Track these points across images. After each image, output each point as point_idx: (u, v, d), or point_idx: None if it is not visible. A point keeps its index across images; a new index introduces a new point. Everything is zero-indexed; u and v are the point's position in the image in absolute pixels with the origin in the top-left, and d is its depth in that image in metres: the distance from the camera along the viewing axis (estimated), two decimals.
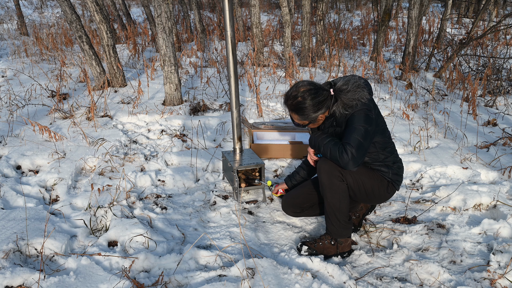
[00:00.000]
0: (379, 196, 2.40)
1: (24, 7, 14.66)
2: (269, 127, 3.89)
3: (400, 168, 2.44)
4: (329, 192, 2.26)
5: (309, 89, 2.19)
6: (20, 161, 3.39)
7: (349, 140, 2.11)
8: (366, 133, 2.13)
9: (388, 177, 2.36)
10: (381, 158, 2.34)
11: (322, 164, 2.28)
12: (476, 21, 6.20)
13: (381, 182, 2.35)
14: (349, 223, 2.34)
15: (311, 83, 2.23)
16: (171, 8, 4.55)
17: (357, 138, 2.11)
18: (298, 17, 12.19)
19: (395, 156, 2.41)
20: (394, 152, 2.42)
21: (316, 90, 2.20)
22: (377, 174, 2.36)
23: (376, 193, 2.36)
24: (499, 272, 2.13)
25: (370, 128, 2.15)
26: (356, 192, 2.31)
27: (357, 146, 2.10)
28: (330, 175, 2.24)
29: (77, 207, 2.81)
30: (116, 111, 4.64)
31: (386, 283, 2.13)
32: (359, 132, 2.12)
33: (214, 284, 2.03)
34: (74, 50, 8.19)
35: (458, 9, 13.02)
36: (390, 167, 2.37)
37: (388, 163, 2.36)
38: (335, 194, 2.25)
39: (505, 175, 3.15)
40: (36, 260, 2.24)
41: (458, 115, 4.49)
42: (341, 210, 2.27)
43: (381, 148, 2.31)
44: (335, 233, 2.33)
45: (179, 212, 2.80)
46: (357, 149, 2.09)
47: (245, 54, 7.79)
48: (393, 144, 2.42)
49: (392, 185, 2.40)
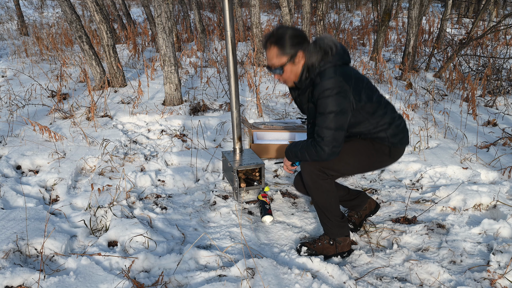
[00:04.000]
0: (380, 163, 2.33)
1: (24, 7, 14.66)
2: (269, 127, 3.89)
3: (399, 126, 2.27)
4: (314, 192, 2.25)
5: (290, 26, 2.18)
6: (20, 161, 3.39)
7: (322, 133, 2.05)
8: (338, 116, 2.04)
9: (388, 142, 2.25)
10: (373, 124, 2.22)
11: (303, 166, 2.26)
12: (476, 21, 6.20)
13: (373, 149, 2.26)
14: (343, 221, 2.32)
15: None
16: (171, 8, 4.55)
17: (329, 127, 2.04)
18: (298, 17, 12.19)
19: (389, 116, 2.25)
20: (388, 111, 2.25)
21: (297, 29, 2.18)
22: (365, 144, 2.26)
23: (372, 163, 2.30)
24: (499, 272, 2.13)
25: (343, 107, 2.04)
26: (351, 172, 2.29)
27: (331, 137, 2.04)
28: (312, 175, 2.21)
29: (77, 207, 2.81)
30: (116, 111, 4.64)
31: (386, 283, 2.13)
32: (329, 120, 2.03)
33: (214, 284, 2.03)
34: (74, 50, 8.19)
35: (458, 9, 13.03)
36: (387, 130, 2.23)
37: (383, 127, 2.22)
38: (321, 193, 2.23)
39: (505, 175, 3.15)
40: (36, 260, 2.24)
41: (458, 115, 4.49)
42: (330, 209, 2.26)
43: (369, 114, 2.18)
44: (330, 232, 2.33)
45: (179, 212, 2.80)
46: (332, 140, 2.04)
47: (245, 54, 7.79)
48: (385, 103, 2.26)
49: (396, 147, 2.29)
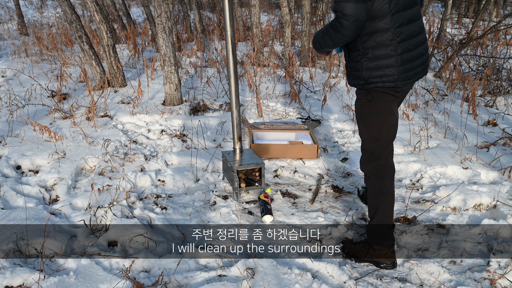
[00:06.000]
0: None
1: (24, 7, 14.65)
2: (269, 127, 3.90)
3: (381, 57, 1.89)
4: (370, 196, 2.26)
5: None
6: (20, 161, 3.38)
7: (339, 8, 1.77)
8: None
9: (363, 80, 1.97)
10: (358, 48, 1.93)
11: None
12: (476, 21, 6.20)
13: (365, 105, 2.05)
14: (384, 230, 2.20)
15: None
16: (171, 8, 4.55)
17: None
18: (298, 17, 12.19)
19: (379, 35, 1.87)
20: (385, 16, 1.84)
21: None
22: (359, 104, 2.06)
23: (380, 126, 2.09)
24: (499, 272, 2.13)
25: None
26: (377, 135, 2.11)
27: (351, 8, 1.74)
28: (365, 177, 2.24)
29: (77, 207, 2.81)
30: (116, 111, 4.64)
31: (386, 283, 2.13)
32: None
33: (214, 284, 2.03)
34: (74, 50, 8.19)
35: (458, 9, 13.02)
36: (362, 63, 1.93)
37: (363, 56, 1.92)
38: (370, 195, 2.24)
39: (505, 175, 3.15)
40: (36, 260, 2.24)
41: (458, 115, 4.48)
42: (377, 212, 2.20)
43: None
44: (368, 234, 2.30)
45: (179, 212, 2.80)
46: (353, 13, 1.74)
47: (245, 54, 7.79)
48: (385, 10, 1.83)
49: (375, 90, 1.97)
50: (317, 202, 2.97)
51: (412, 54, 1.93)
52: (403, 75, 1.92)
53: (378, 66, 1.91)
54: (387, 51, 1.88)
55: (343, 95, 5.29)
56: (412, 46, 1.91)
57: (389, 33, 1.86)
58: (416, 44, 1.93)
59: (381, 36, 1.86)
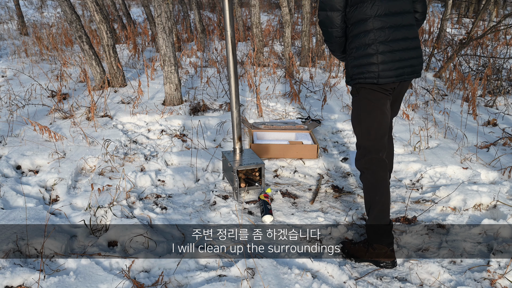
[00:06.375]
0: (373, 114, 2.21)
1: (24, 7, 14.65)
2: (269, 127, 3.90)
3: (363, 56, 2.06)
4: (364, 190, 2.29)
5: None
6: (20, 161, 3.38)
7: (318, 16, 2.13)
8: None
9: (349, 76, 2.18)
10: (347, 48, 2.15)
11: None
12: (476, 21, 6.20)
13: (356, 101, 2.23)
14: (382, 227, 2.21)
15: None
16: (171, 8, 4.55)
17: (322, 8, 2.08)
18: (298, 17, 12.19)
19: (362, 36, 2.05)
20: (367, 19, 2.02)
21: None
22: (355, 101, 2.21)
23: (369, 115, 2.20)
24: (499, 272, 2.13)
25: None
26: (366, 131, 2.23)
27: (320, 12, 2.12)
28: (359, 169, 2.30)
29: (77, 207, 2.81)
30: (116, 111, 4.64)
31: (386, 283, 2.13)
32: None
33: (214, 284, 2.03)
34: (74, 50, 8.19)
35: (458, 9, 13.02)
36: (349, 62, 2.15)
37: (350, 55, 2.14)
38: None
39: (505, 175, 3.15)
40: (36, 260, 2.24)
41: (458, 115, 4.48)
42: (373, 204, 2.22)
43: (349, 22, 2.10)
44: (367, 233, 2.30)
45: (179, 212, 2.80)
46: (321, 15, 2.10)
47: (245, 54, 7.79)
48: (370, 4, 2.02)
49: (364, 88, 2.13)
50: (317, 202, 2.97)
51: (395, 55, 2.05)
52: (384, 73, 2.05)
53: (361, 64, 2.07)
54: (368, 50, 2.04)
55: (343, 95, 5.29)
56: (397, 48, 2.05)
57: (371, 34, 2.02)
58: (402, 48, 2.07)
59: (363, 37, 2.04)
